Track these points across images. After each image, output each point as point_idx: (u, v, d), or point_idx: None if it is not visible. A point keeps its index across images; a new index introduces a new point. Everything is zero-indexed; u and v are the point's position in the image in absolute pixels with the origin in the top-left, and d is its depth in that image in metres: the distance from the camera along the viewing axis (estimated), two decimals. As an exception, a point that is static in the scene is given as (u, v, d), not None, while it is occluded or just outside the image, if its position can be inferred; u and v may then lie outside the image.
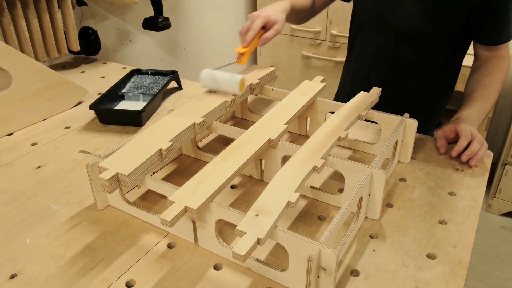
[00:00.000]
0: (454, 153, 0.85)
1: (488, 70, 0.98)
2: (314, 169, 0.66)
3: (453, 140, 0.89)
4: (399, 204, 0.74)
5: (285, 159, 0.72)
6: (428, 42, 1.01)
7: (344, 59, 1.25)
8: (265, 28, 0.92)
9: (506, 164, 1.87)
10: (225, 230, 0.68)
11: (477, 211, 0.72)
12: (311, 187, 0.75)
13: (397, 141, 0.80)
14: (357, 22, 1.12)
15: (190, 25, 1.89)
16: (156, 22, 1.42)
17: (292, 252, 0.55)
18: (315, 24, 2.12)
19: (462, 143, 0.84)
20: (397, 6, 0.99)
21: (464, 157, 0.84)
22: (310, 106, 0.89)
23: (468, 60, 1.08)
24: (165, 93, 1.14)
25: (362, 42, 1.11)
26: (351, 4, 1.17)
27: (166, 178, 0.81)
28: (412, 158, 0.86)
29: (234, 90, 0.83)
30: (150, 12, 1.44)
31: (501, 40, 0.97)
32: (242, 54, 0.90)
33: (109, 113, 1.00)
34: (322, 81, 0.94)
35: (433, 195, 0.76)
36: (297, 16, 1.09)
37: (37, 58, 1.19)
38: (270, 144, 0.73)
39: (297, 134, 0.96)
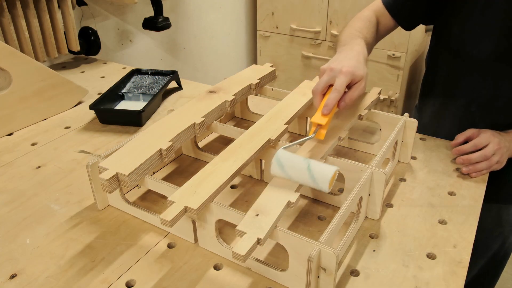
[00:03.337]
0: (455, 151, 0.84)
1: None
2: (314, 169, 0.65)
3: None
4: (399, 204, 0.74)
5: (285, 159, 0.71)
6: None
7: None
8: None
9: (506, 164, 1.86)
10: (225, 230, 0.68)
11: (477, 211, 0.72)
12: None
13: (397, 141, 0.80)
14: (454, 62, 0.93)
15: (190, 25, 1.89)
16: (156, 22, 1.42)
17: (292, 252, 0.55)
18: (315, 24, 2.12)
19: (466, 147, 0.82)
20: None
21: (459, 160, 0.82)
22: (310, 106, 0.89)
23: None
24: (165, 93, 1.14)
25: (468, 86, 0.94)
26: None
27: (166, 178, 0.81)
28: (412, 158, 0.86)
29: (322, 187, 0.59)
30: (150, 12, 1.44)
31: None
32: (320, 125, 0.69)
33: (109, 113, 1.00)
34: (322, 81, 0.93)
35: (433, 195, 0.76)
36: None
37: (37, 58, 1.18)
38: (270, 144, 0.73)
39: (297, 134, 0.96)
